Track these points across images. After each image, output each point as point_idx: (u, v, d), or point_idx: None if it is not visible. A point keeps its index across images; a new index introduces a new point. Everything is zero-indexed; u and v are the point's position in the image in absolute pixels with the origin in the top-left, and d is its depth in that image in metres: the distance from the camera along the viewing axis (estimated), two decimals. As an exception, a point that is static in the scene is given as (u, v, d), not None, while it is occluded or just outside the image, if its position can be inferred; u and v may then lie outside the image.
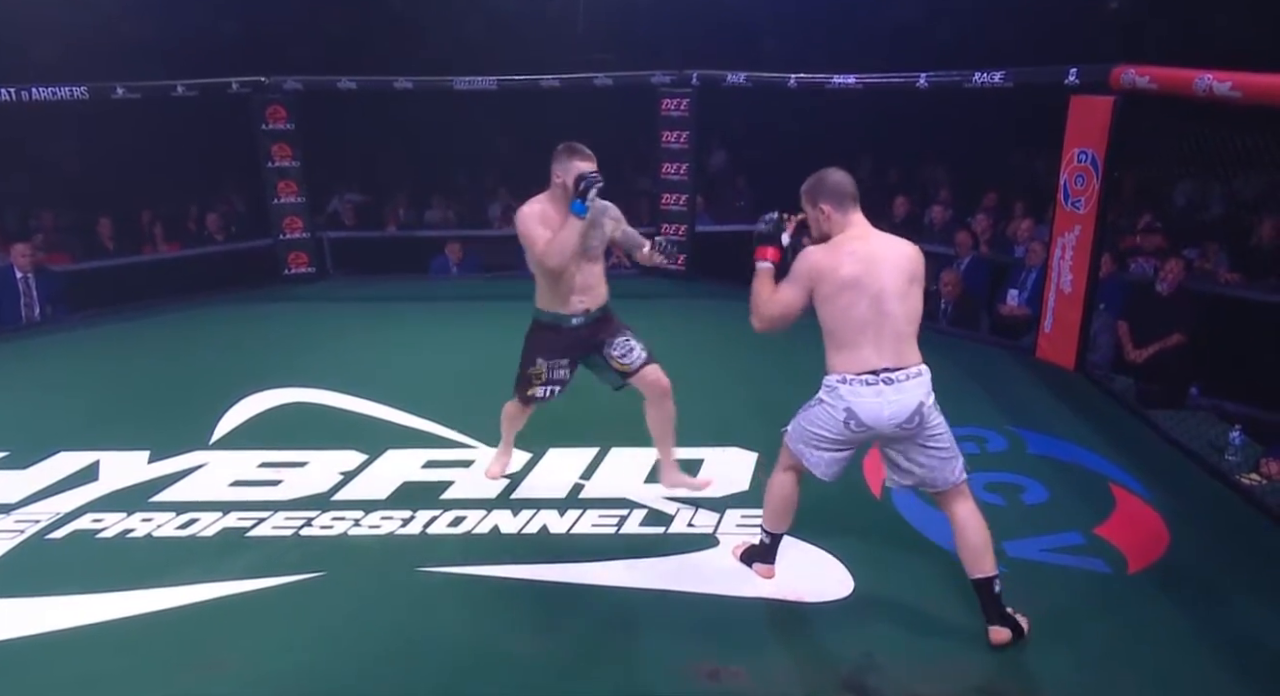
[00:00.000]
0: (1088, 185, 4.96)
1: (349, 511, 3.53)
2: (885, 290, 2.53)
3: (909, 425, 2.57)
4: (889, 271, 2.55)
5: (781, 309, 2.64)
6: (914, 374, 2.56)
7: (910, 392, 2.54)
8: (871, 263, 2.55)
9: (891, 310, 2.53)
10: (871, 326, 2.53)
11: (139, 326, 6.48)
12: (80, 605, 2.90)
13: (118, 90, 6.58)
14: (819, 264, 2.57)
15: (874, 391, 2.54)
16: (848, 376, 2.56)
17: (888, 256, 2.58)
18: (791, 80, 6.47)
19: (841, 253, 2.57)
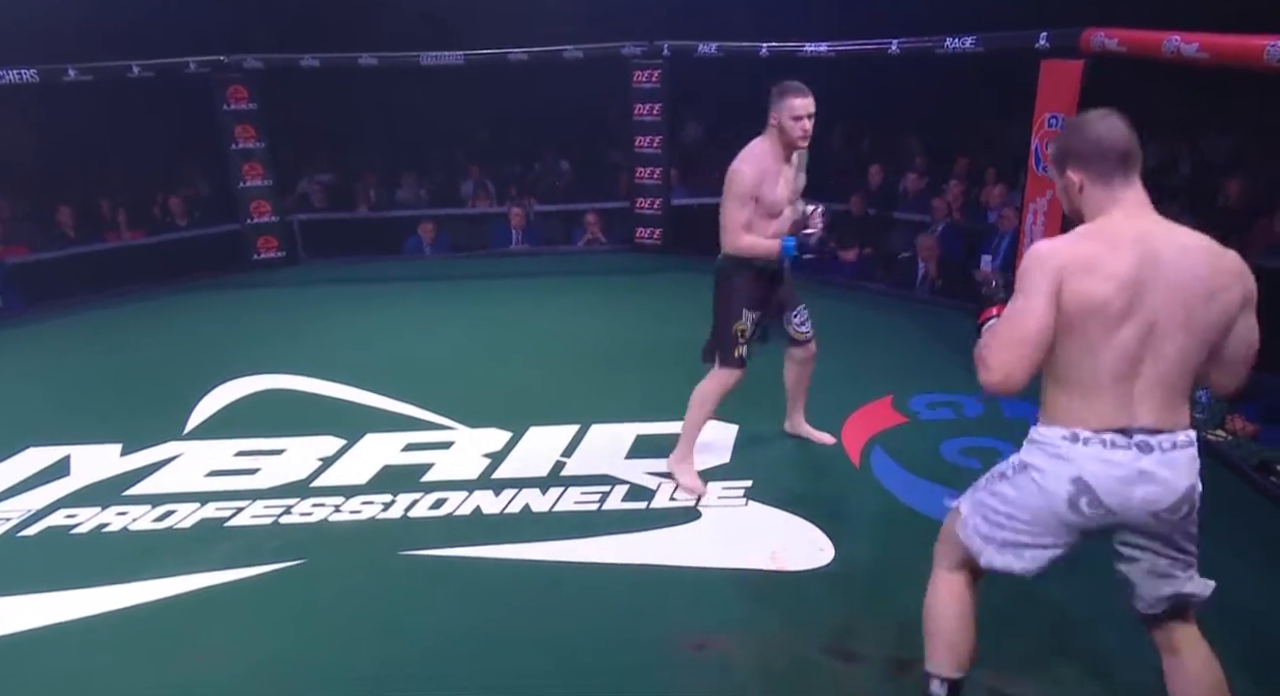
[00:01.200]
0: (1059, 149, 4.97)
1: (329, 497, 3.50)
2: (1164, 315, 1.67)
3: (1171, 515, 1.76)
4: (1174, 286, 1.66)
5: (1029, 329, 1.72)
6: (1184, 443, 1.73)
7: (1181, 468, 1.73)
8: (1151, 268, 1.67)
9: (1167, 348, 1.67)
10: (1132, 366, 1.68)
11: (105, 316, 6.36)
12: (58, 602, 2.86)
13: (69, 72, 6.39)
14: (1067, 262, 1.69)
15: (1125, 460, 1.70)
16: (1081, 433, 1.73)
17: (1176, 262, 1.67)
18: (763, 49, 6.43)
19: (1102, 249, 1.69)
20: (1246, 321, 1.72)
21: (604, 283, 6.81)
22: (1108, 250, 1.68)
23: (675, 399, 4.17)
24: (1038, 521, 1.82)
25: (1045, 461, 1.79)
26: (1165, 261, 1.67)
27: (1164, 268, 1.66)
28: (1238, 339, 1.73)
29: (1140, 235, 1.69)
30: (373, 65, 7.05)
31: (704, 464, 3.66)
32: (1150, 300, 1.66)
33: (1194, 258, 1.68)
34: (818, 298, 6.15)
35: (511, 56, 7.01)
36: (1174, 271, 1.66)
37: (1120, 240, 1.69)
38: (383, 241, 7.85)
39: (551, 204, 8.33)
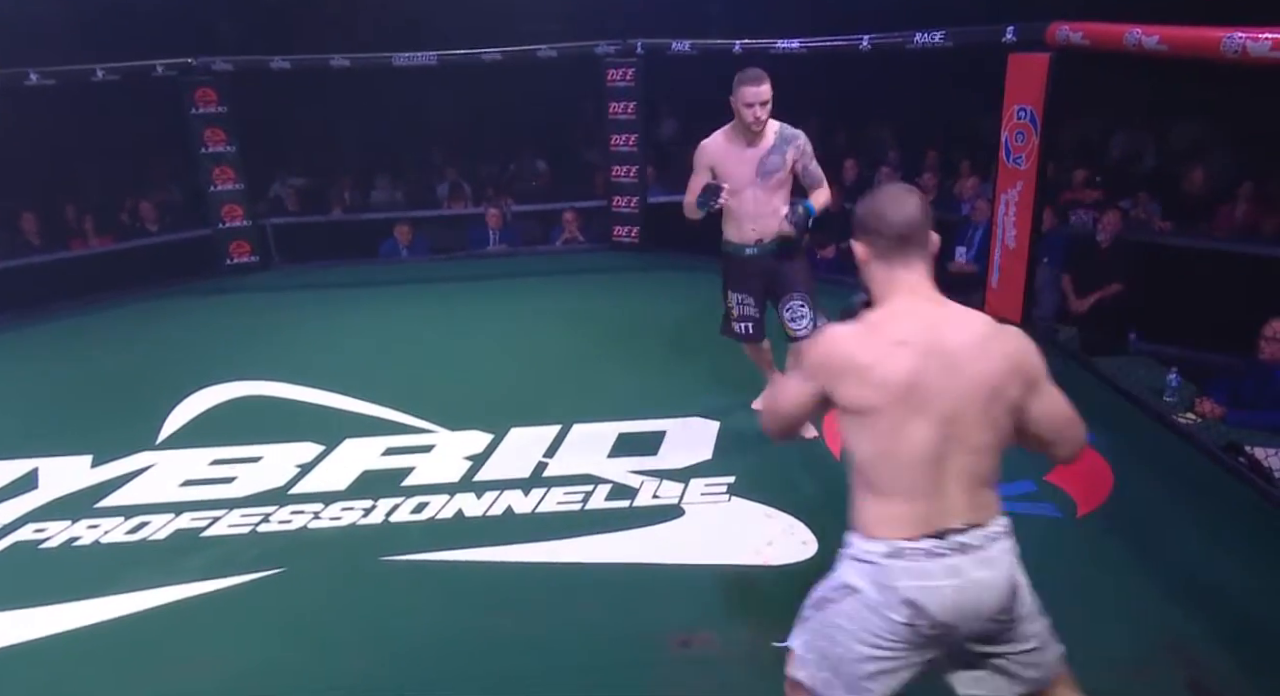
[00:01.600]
0: (1028, 141, 5.03)
1: (308, 504, 3.47)
2: (960, 410, 1.57)
3: (1004, 616, 1.63)
4: (966, 380, 1.57)
5: (787, 408, 1.78)
6: (997, 534, 1.62)
7: (1000, 564, 1.61)
8: (940, 358, 1.58)
9: (971, 440, 1.58)
10: (935, 464, 1.58)
11: (73, 325, 6.24)
12: (27, 619, 2.81)
13: (31, 76, 6.26)
14: (839, 353, 1.63)
15: (946, 568, 1.58)
16: (900, 545, 1.59)
17: (964, 354, 1.58)
18: (736, 46, 6.43)
19: (884, 338, 1.61)
20: (1044, 401, 1.63)
21: (583, 281, 6.79)
22: (884, 353, 1.58)
23: (656, 397, 4.18)
24: (878, 645, 1.61)
25: (868, 583, 1.62)
26: (952, 354, 1.57)
27: (952, 361, 1.57)
28: (1045, 419, 1.63)
29: (923, 327, 1.60)
30: (344, 66, 6.98)
31: (686, 460, 3.67)
32: (941, 398, 1.56)
33: (981, 347, 1.59)
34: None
35: (485, 56, 6.97)
36: (964, 363, 1.57)
37: (900, 336, 1.59)
38: (358, 245, 7.77)
39: (529, 204, 8.30)
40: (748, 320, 3.70)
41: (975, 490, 1.61)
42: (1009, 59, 5.06)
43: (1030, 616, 1.68)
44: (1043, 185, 5.09)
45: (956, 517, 1.59)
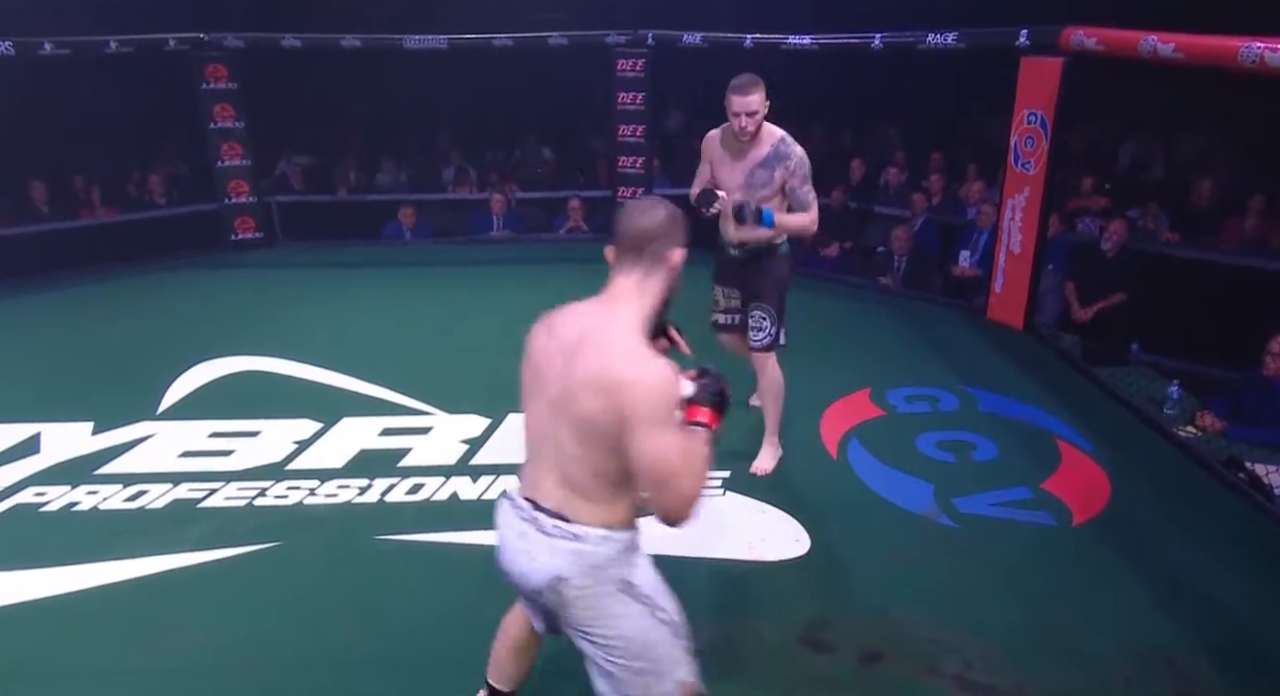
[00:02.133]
0: (1037, 146, 5.03)
1: (304, 480, 3.48)
2: (557, 402, 1.66)
3: (538, 599, 1.75)
4: (565, 376, 1.64)
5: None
6: (568, 535, 1.67)
7: (540, 553, 1.69)
8: (551, 352, 1.69)
9: (561, 434, 1.66)
10: (540, 443, 1.72)
11: (78, 294, 6.26)
12: (25, 580, 2.84)
13: (45, 46, 6.26)
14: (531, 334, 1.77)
15: (515, 527, 1.73)
16: (511, 492, 1.80)
17: (578, 354, 1.63)
18: (748, 40, 6.42)
19: (545, 323, 1.76)
20: (638, 447, 1.56)
21: (585, 271, 6.74)
22: (536, 335, 1.75)
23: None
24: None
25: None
26: (571, 350, 1.64)
27: (568, 356, 1.64)
28: (636, 464, 1.58)
29: (572, 319, 1.71)
30: (355, 47, 6.96)
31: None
32: (551, 385, 1.67)
33: (593, 356, 1.60)
34: (798, 292, 6.21)
35: (496, 42, 6.95)
36: (572, 362, 1.63)
37: (552, 322, 1.73)
38: (362, 225, 7.76)
39: (533, 191, 8.29)
40: (732, 313, 3.59)
41: (564, 484, 1.68)
42: (1021, 62, 5.05)
43: (604, 646, 1.72)
44: (1050, 191, 5.09)
45: (545, 498, 1.70)
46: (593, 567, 1.67)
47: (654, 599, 1.75)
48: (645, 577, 1.76)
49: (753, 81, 3.12)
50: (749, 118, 3.12)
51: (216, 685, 2.40)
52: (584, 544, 1.66)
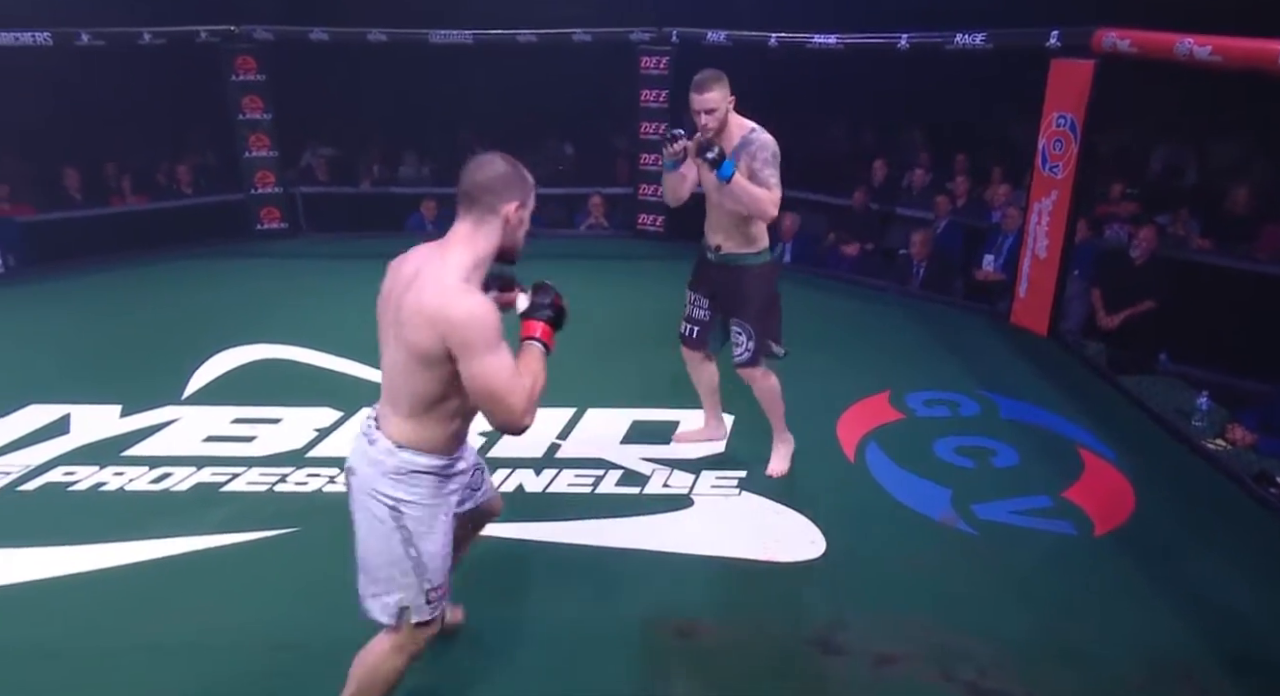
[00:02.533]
0: (1066, 150, 4.97)
1: (324, 468, 3.52)
2: (391, 330, 1.85)
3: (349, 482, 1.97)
4: (397, 308, 1.83)
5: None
6: (380, 444, 1.89)
7: (364, 457, 1.91)
8: (394, 286, 1.87)
9: (388, 357, 1.87)
10: (384, 363, 1.90)
11: (109, 279, 6.36)
12: (54, 557, 2.89)
13: (82, 37, 6.36)
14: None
15: (361, 432, 1.96)
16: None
17: (409, 288, 1.81)
18: (772, 39, 6.39)
19: (395, 262, 1.94)
20: (464, 371, 1.78)
21: (605, 267, 6.80)
22: (394, 268, 1.92)
23: (672, 386, 4.19)
24: None
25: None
26: (405, 284, 1.83)
27: (401, 290, 1.83)
28: (466, 385, 1.80)
29: (416, 259, 1.88)
30: (381, 41, 7.01)
31: (698, 452, 3.68)
32: (388, 317, 1.86)
33: (419, 291, 1.79)
34: (818, 292, 6.20)
35: (520, 38, 6.97)
36: (403, 294, 1.81)
37: (406, 260, 1.91)
38: (385, 217, 7.82)
39: (554, 187, 8.31)
40: (694, 324, 3.42)
41: (388, 404, 1.90)
42: (1051, 64, 4.99)
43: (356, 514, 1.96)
44: (1079, 195, 5.03)
45: (382, 416, 1.92)
46: (372, 468, 1.89)
47: (413, 534, 1.91)
48: (419, 515, 1.91)
49: (712, 78, 3.02)
50: (708, 115, 3.02)
51: (234, 664, 2.43)
52: (374, 449, 1.89)
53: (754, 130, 3.11)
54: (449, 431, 1.91)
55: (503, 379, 1.78)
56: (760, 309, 3.30)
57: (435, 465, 1.91)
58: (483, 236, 1.87)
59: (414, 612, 1.97)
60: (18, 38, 6.08)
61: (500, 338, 1.78)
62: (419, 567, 1.94)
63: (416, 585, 1.95)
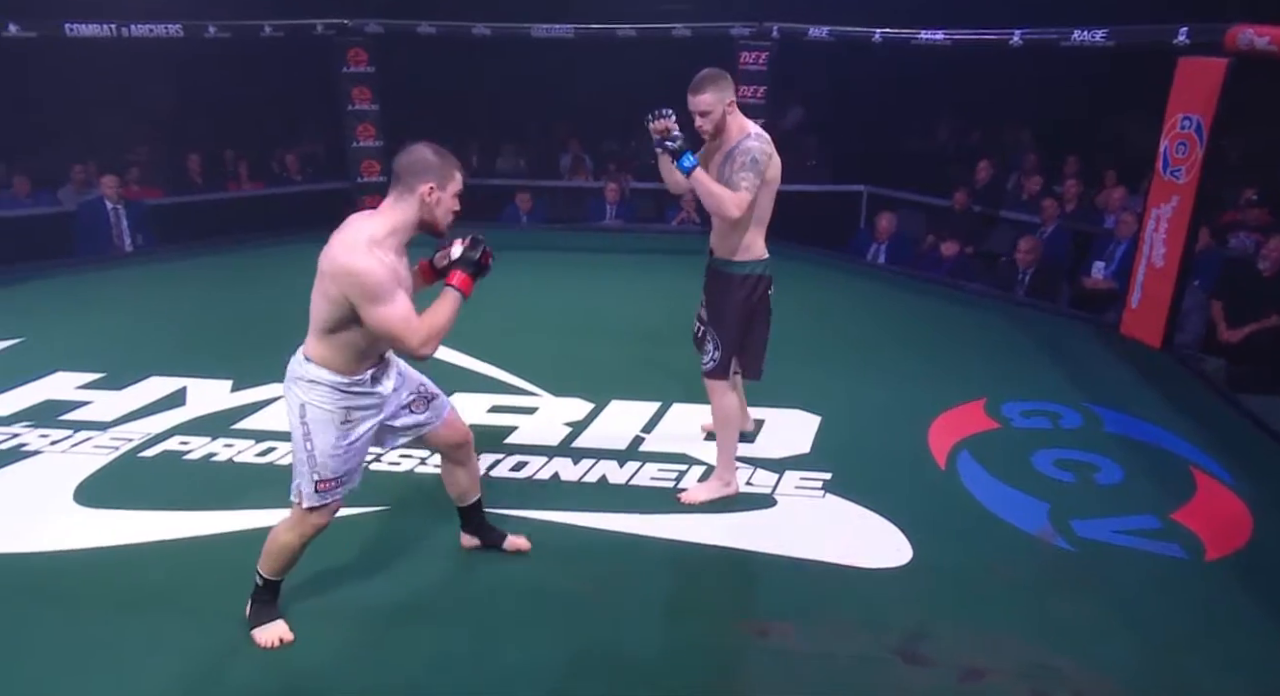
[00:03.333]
0: (1190, 153, 4.69)
1: (416, 450, 3.62)
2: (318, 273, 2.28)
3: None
4: (322, 259, 2.25)
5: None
6: (297, 355, 2.36)
7: (291, 361, 2.39)
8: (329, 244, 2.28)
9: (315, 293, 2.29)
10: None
11: (224, 261, 6.73)
12: (170, 520, 3.08)
13: (210, 29, 6.73)
14: None
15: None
16: None
17: (330, 245, 2.26)
18: (876, 35, 6.25)
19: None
20: (363, 316, 2.20)
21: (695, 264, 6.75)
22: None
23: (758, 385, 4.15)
24: None
25: None
26: (330, 242, 2.25)
27: (327, 246, 2.24)
28: (369, 325, 2.21)
29: (348, 221, 2.32)
30: (485, 35, 7.17)
31: (783, 451, 3.64)
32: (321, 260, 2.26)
33: (331, 247, 2.23)
34: (913, 295, 6.03)
35: (620, 32, 7.02)
36: (327, 250, 2.23)
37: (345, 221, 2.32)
38: (480, 208, 7.98)
39: (647, 182, 8.34)
40: (698, 323, 3.32)
41: (310, 325, 2.30)
42: (1178, 63, 4.72)
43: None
44: (1202, 202, 4.74)
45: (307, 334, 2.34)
46: (291, 371, 2.36)
47: (312, 432, 2.33)
48: (317, 416, 2.33)
49: (707, 78, 2.92)
50: (702, 117, 2.93)
51: (323, 629, 2.54)
52: (294, 360, 2.35)
53: (751, 135, 2.97)
54: (345, 356, 2.30)
55: (394, 322, 2.20)
56: (735, 321, 3.12)
57: (334, 380, 2.31)
58: (401, 208, 2.29)
59: (305, 498, 2.38)
60: (152, 29, 6.47)
61: (392, 289, 2.19)
62: (311, 459, 2.34)
63: (308, 474, 2.36)
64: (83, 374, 4.33)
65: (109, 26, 6.29)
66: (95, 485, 3.31)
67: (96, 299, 5.75)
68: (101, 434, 3.71)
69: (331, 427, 2.33)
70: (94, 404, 4.01)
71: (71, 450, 3.57)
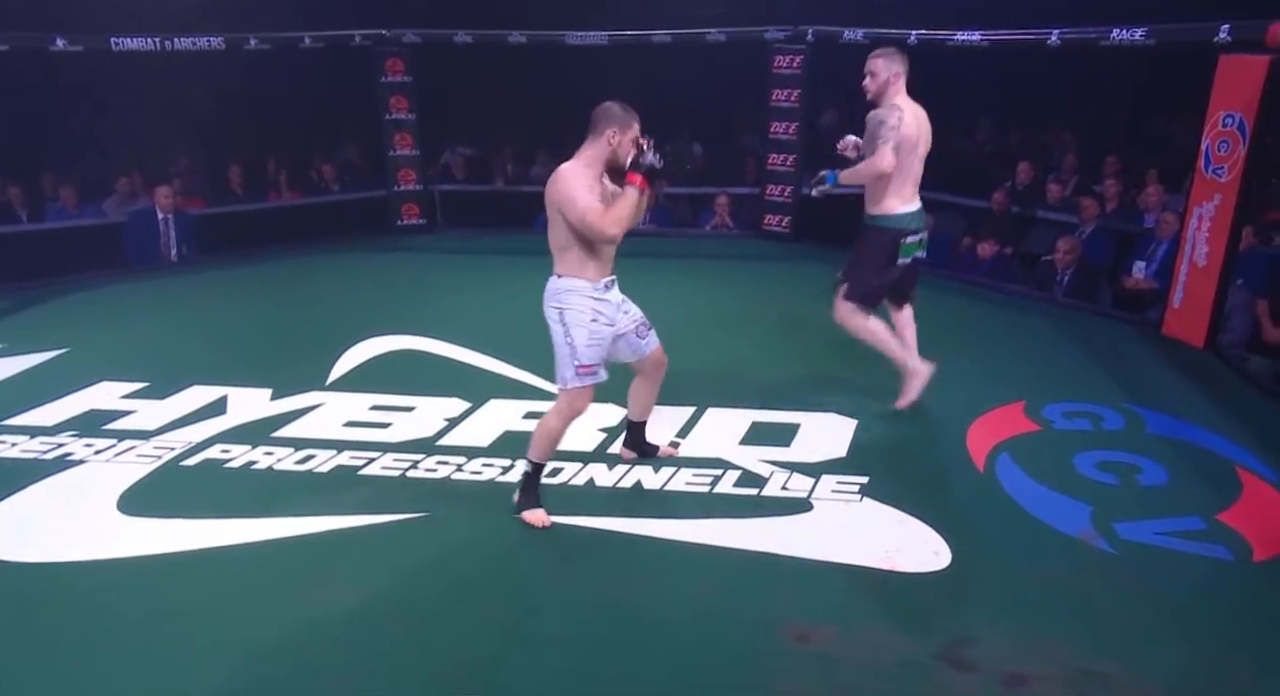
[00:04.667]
0: (1233, 151, 4.60)
1: (452, 456, 3.67)
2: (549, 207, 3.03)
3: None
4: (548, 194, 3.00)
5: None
6: (551, 277, 3.10)
7: (548, 286, 3.10)
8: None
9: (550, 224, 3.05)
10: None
11: (263, 270, 6.85)
12: (210, 528, 3.14)
13: (251, 41, 6.88)
14: None
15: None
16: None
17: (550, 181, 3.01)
18: (912, 36, 6.20)
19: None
20: (567, 215, 2.95)
21: (729, 268, 6.78)
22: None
23: (794, 389, 4.15)
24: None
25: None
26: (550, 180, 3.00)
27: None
28: (571, 222, 2.97)
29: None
30: (521, 42, 7.24)
31: (819, 455, 3.62)
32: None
33: (551, 180, 2.99)
34: (951, 295, 5.97)
35: (654, 38, 7.04)
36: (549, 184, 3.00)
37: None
38: (516, 215, 8.06)
39: (681, 187, 8.35)
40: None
41: (552, 251, 3.09)
42: (1220, 60, 4.63)
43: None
44: (1246, 200, 4.64)
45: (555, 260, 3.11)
46: (549, 292, 3.08)
47: (571, 329, 3.04)
48: (576, 318, 3.03)
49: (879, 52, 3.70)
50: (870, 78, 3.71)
51: (362, 638, 2.57)
52: (550, 283, 3.09)
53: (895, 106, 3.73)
54: (584, 266, 3.02)
55: (587, 214, 2.89)
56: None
57: (582, 285, 3.03)
58: (593, 149, 3.00)
59: (570, 381, 3.07)
60: (195, 43, 6.63)
61: (583, 194, 2.90)
62: (572, 350, 3.04)
63: (570, 362, 3.05)
64: (126, 384, 4.42)
65: (153, 40, 6.45)
66: (138, 494, 3.38)
67: (140, 309, 5.88)
68: (144, 443, 3.79)
69: (585, 324, 3.03)
70: (137, 413, 4.09)
71: (115, 459, 3.65)
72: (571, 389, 3.07)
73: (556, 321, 3.04)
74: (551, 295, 3.05)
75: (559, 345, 3.05)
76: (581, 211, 2.88)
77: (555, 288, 3.05)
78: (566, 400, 3.09)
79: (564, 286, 3.03)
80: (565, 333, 3.03)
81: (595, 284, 3.04)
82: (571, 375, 3.05)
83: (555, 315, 3.04)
